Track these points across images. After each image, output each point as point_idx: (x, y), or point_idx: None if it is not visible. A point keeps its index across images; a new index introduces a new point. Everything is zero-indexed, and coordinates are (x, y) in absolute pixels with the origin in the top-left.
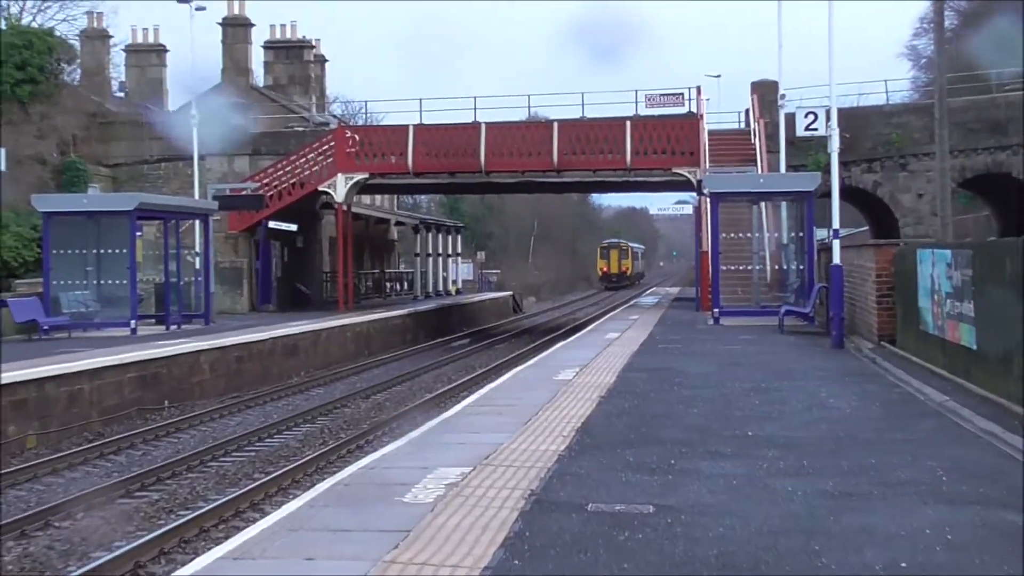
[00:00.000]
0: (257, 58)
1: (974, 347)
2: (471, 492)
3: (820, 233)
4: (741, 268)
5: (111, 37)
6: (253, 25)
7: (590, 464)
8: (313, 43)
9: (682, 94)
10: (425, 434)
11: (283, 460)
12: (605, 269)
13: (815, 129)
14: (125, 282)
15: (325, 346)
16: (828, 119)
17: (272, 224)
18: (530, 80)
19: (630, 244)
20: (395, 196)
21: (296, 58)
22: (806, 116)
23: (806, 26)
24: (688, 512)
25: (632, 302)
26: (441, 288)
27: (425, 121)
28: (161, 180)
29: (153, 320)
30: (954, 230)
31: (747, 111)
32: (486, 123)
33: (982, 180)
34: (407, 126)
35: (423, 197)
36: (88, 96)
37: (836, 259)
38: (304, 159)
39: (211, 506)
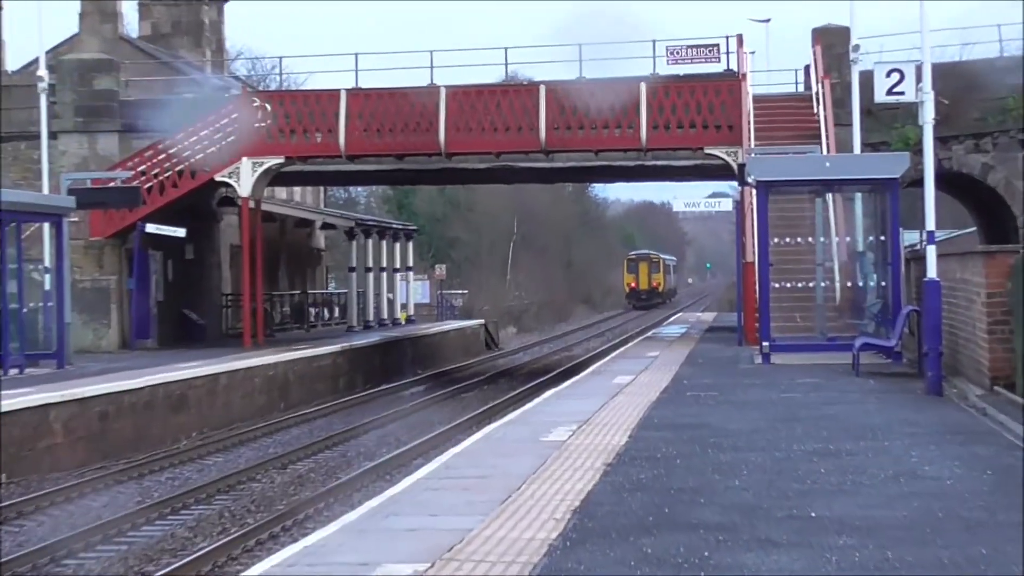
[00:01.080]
0: None
1: None
2: None
3: (909, 237)
4: (799, 285)
5: None
6: None
7: (592, 558)
8: None
9: (717, 46)
10: (365, 518)
11: (166, 556)
12: (633, 285)
13: (901, 93)
14: None
15: (226, 396)
16: (919, 79)
17: (151, 228)
18: (511, 43)
19: (661, 256)
20: (322, 188)
21: None
22: (888, 75)
23: None
24: None
25: (651, 333)
26: (386, 316)
27: (363, 85)
28: None
29: None
30: None
31: (807, 69)
32: (447, 87)
33: None
34: (338, 92)
35: (361, 190)
36: None
37: (932, 272)
38: (195, 138)
39: None
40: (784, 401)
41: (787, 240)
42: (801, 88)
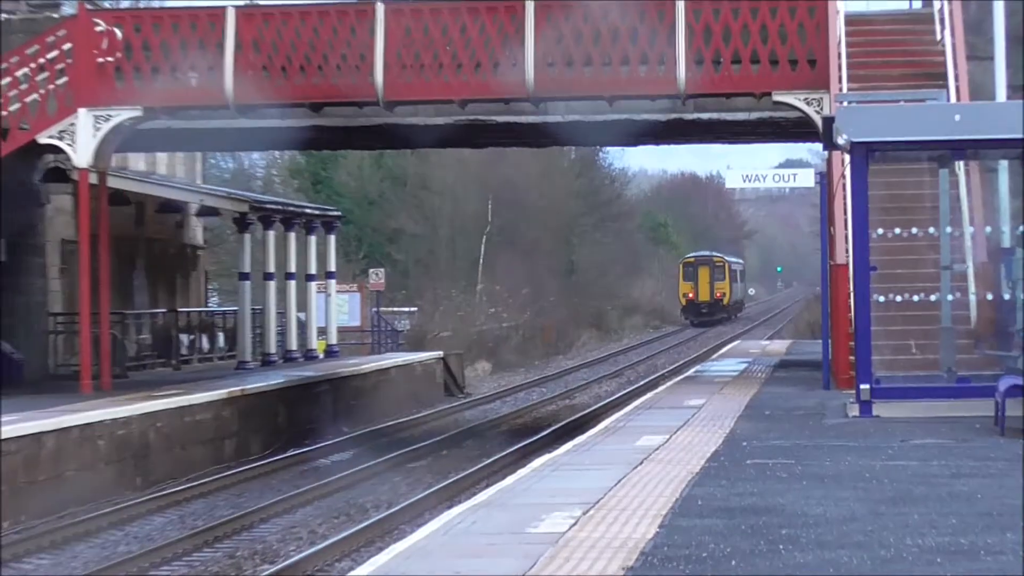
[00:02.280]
0: None
1: None
2: None
3: None
4: (915, 299)
5: None
6: None
7: None
8: None
9: None
10: None
11: None
12: (691, 295)
13: None
14: None
15: (53, 468)
16: None
17: None
18: None
19: (727, 258)
20: (200, 156)
21: None
22: None
23: None
24: None
25: (693, 371)
26: (295, 345)
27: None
28: None
29: None
30: None
31: None
32: (387, 3)
33: None
34: (223, 10)
35: (257, 158)
36: None
37: None
38: (6, 80)
39: None
40: (892, 473)
41: (897, 232)
42: (918, 4)
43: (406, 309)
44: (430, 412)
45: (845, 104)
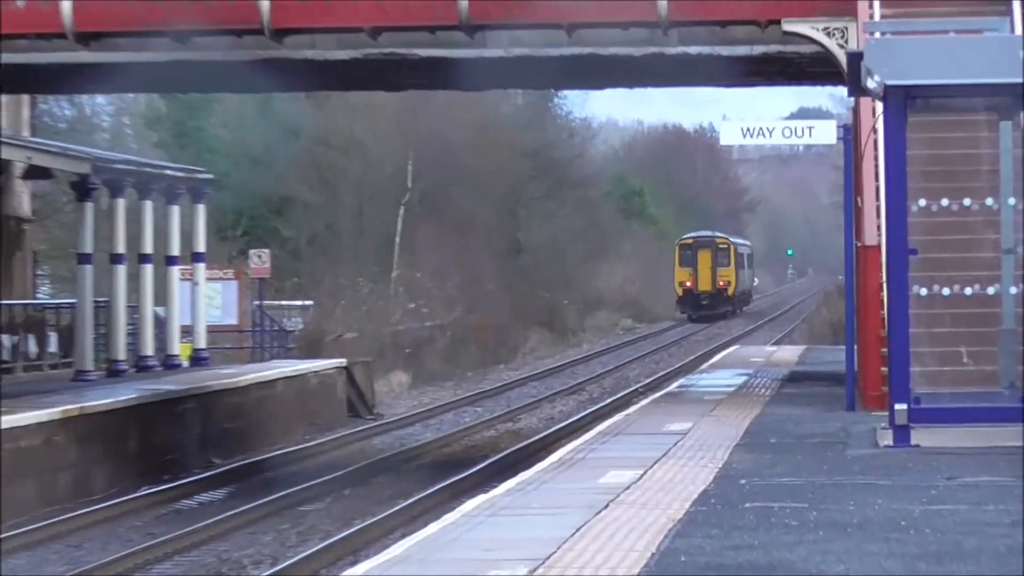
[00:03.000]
0: None
1: None
2: None
3: None
4: (967, 292)
5: None
6: None
7: None
8: None
9: None
10: None
11: None
12: (689, 284)
13: None
14: None
15: None
16: None
17: None
18: None
19: (732, 240)
20: (27, 100)
21: None
22: None
23: None
24: None
25: (677, 385)
26: (151, 350)
27: None
28: None
29: None
30: None
31: None
32: None
33: None
34: None
35: (103, 102)
36: None
37: None
38: None
39: None
40: (935, 520)
41: (944, 204)
42: None
43: (298, 303)
44: (329, 438)
45: (877, 35)
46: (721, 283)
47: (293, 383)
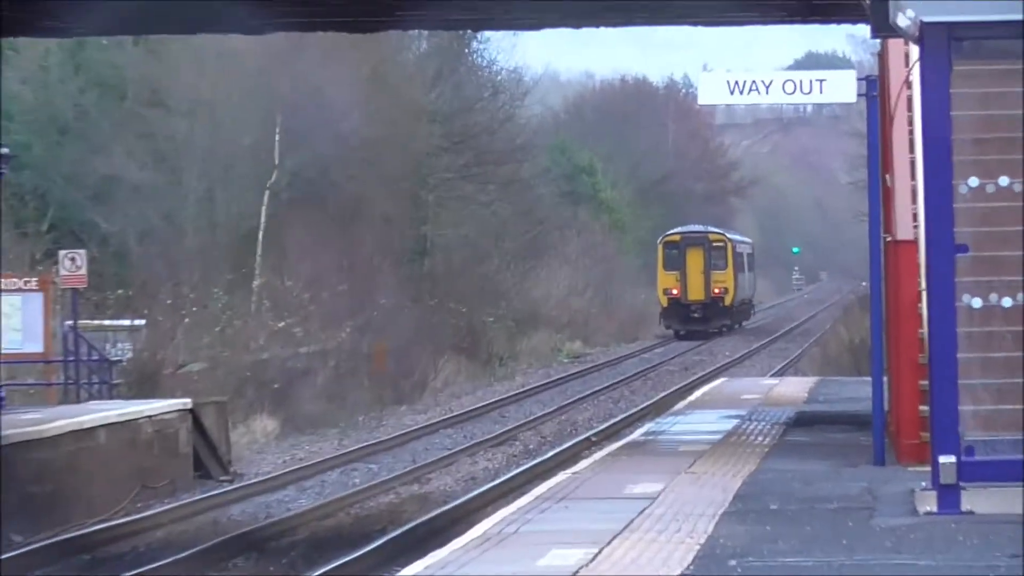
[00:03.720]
0: None
1: None
2: None
3: None
4: None
5: None
6: None
7: None
8: None
9: None
10: None
11: None
12: (676, 292)
13: None
14: None
15: None
16: None
17: None
18: None
19: (729, 236)
20: None
21: None
22: None
23: None
24: None
25: (645, 431)
26: None
27: None
28: None
29: None
30: None
31: None
32: None
33: None
34: None
35: None
36: None
37: None
38: None
39: None
40: None
41: (1001, 184)
42: None
43: (126, 322)
44: (170, 507)
45: None
46: (716, 290)
47: (120, 432)
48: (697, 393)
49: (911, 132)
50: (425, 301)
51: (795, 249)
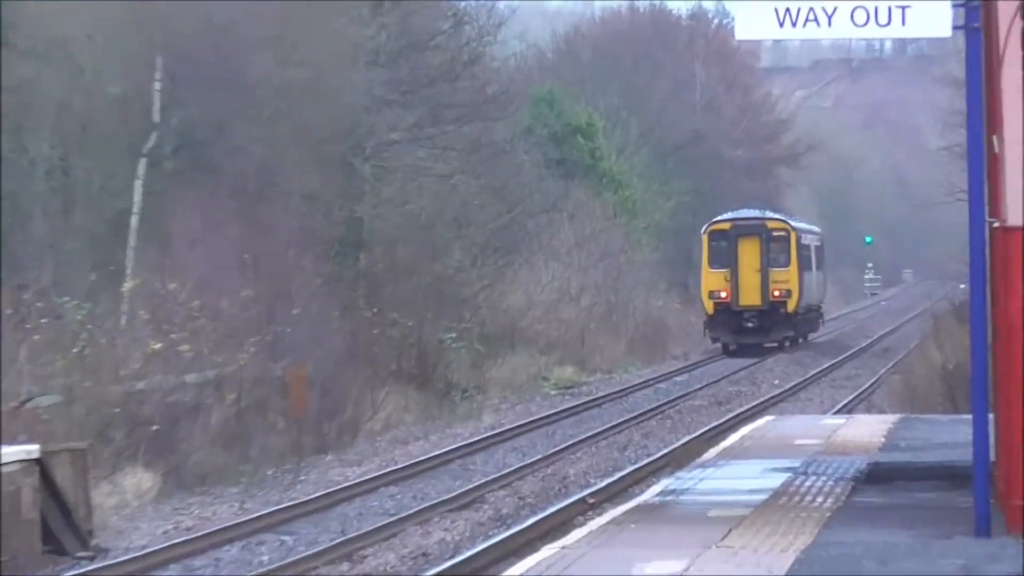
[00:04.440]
0: None
1: None
2: None
3: None
4: None
5: None
6: None
7: None
8: None
9: None
10: None
11: None
12: (725, 295)
13: None
14: None
15: None
16: None
17: None
18: None
19: (792, 223)
20: None
21: None
22: None
23: None
24: None
25: (662, 491)
26: None
27: None
28: None
29: None
30: None
31: None
32: None
33: None
34: None
35: None
36: None
37: None
38: None
39: None
40: None
41: None
42: None
43: None
44: None
45: None
46: (777, 293)
47: None
48: (734, 437)
49: None
50: (360, 311)
51: (868, 239)
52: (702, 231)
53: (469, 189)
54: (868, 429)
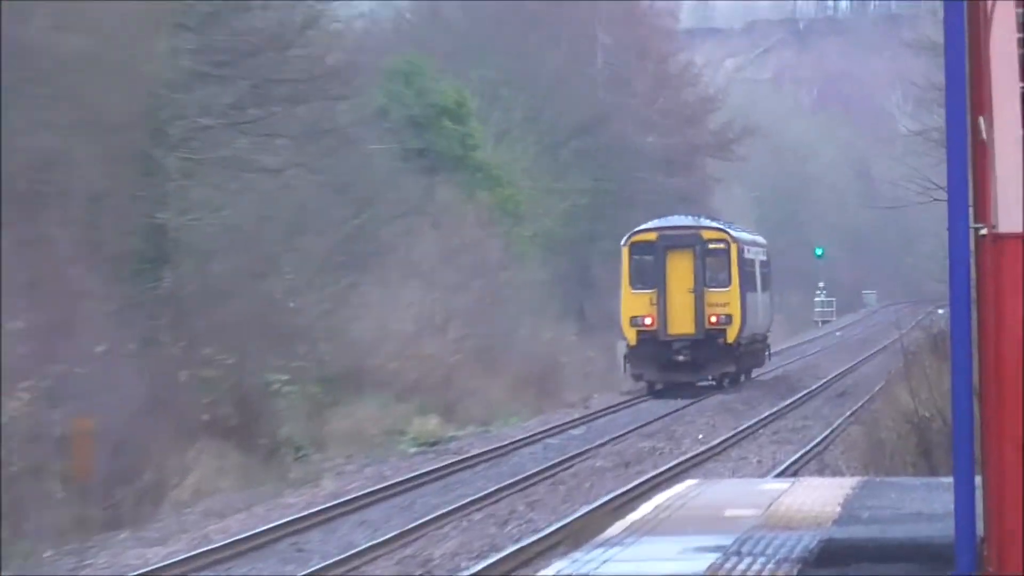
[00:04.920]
0: None
1: None
2: None
3: None
4: None
5: None
6: None
7: None
8: None
9: None
10: None
11: None
12: (651, 322)
13: None
14: None
15: None
16: None
17: None
18: None
19: (733, 233)
20: None
21: None
22: None
23: None
24: None
25: None
26: None
27: None
28: None
29: None
30: None
31: None
32: None
33: None
34: None
35: None
36: None
37: None
38: None
39: None
40: None
41: None
42: None
43: None
44: None
45: None
46: (714, 319)
47: None
48: (646, 508)
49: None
50: (164, 345)
51: (818, 251)
52: (622, 243)
53: (305, 188)
54: (820, 496)
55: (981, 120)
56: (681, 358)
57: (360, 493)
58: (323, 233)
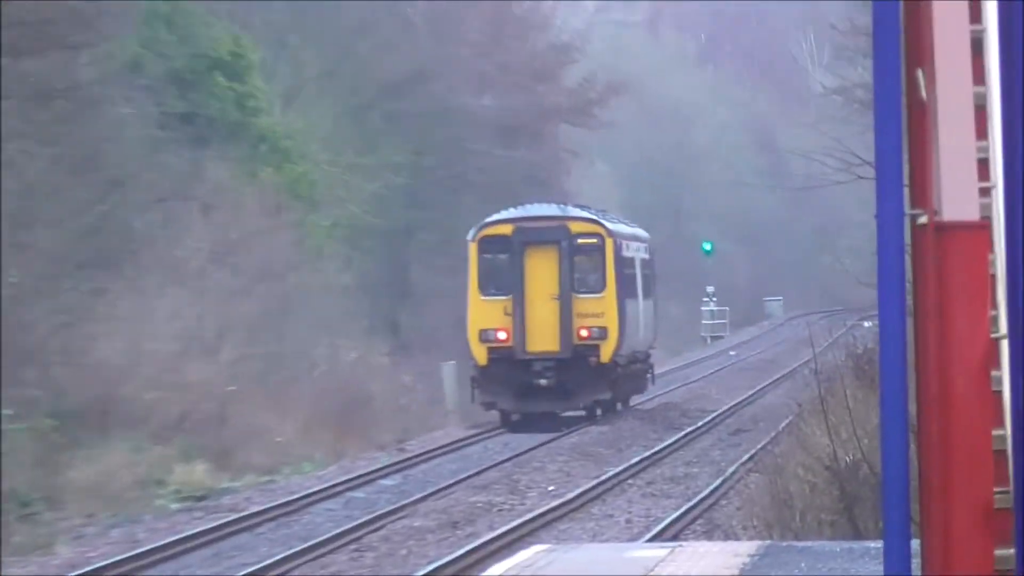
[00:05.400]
0: None
1: None
2: None
3: None
4: None
5: None
6: None
7: None
8: None
9: None
10: None
11: None
12: (505, 337)
13: None
14: None
15: None
16: None
17: None
18: None
19: (608, 225)
20: None
21: None
22: None
23: None
24: None
25: None
26: None
27: None
28: None
29: None
30: None
31: None
32: None
33: None
34: None
35: None
36: None
37: None
38: None
39: None
40: None
41: None
42: None
43: None
44: None
45: None
46: (585, 332)
47: None
48: None
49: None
50: None
51: (707, 246)
52: (469, 237)
53: (33, 164)
54: (709, 565)
55: (920, 73)
56: (543, 382)
57: (104, 563)
58: (57, 224)
